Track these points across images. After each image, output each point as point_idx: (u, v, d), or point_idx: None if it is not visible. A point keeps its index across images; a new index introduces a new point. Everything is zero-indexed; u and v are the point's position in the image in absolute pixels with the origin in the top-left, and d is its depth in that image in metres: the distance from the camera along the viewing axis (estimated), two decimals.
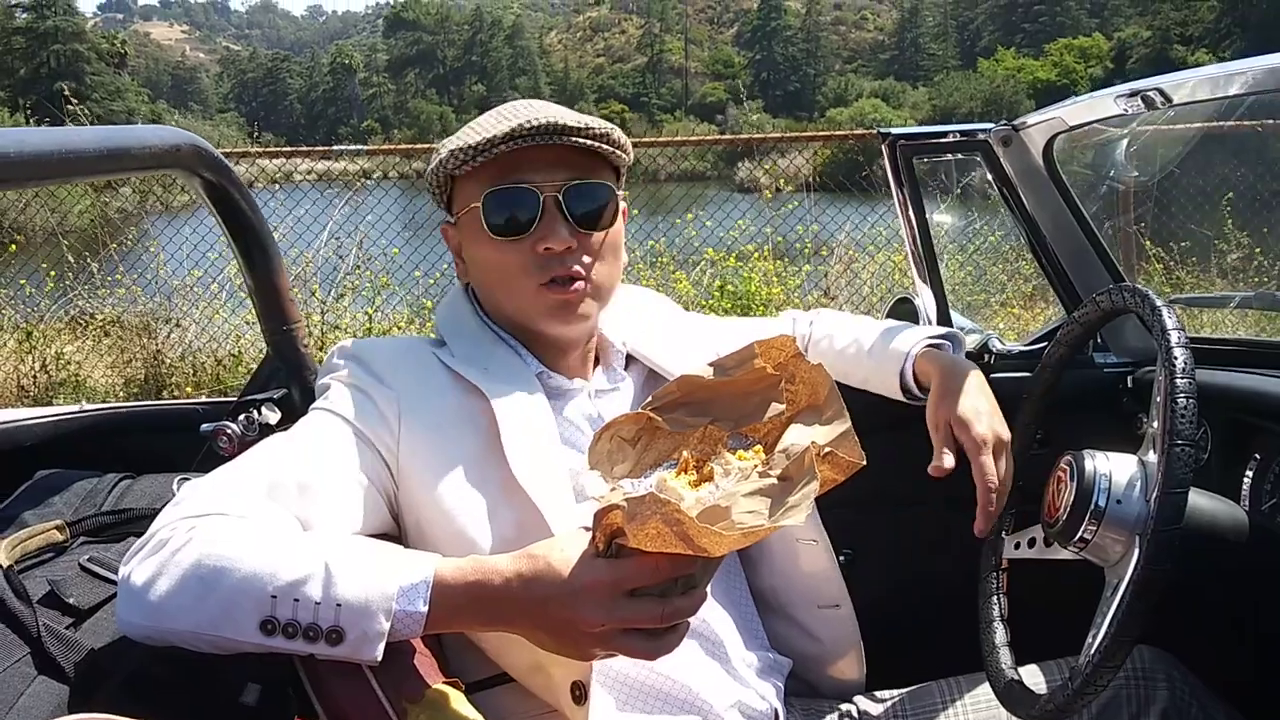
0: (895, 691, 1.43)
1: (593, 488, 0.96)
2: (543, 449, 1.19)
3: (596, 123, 1.22)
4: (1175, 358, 1.10)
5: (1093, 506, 1.19)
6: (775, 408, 1.01)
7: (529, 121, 1.18)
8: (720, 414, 1.04)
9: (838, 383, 0.96)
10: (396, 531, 1.21)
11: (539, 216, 1.22)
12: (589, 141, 1.21)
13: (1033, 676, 1.37)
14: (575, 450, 1.23)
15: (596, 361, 1.38)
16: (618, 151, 1.25)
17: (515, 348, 1.30)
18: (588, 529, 0.96)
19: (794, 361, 1.02)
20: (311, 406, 1.22)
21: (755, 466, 0.95)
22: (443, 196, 1.30)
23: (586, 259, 1.24)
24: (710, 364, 1.05)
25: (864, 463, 0.94)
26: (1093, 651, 1.09)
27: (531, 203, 1.21)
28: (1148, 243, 5.24)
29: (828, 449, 0.93)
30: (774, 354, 1.02)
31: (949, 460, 1.33)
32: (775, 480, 0.91)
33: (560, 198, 1.22)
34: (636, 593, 0.92)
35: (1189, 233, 5.62)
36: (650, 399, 1.05)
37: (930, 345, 1.49)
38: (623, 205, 1.32)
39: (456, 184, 1.27)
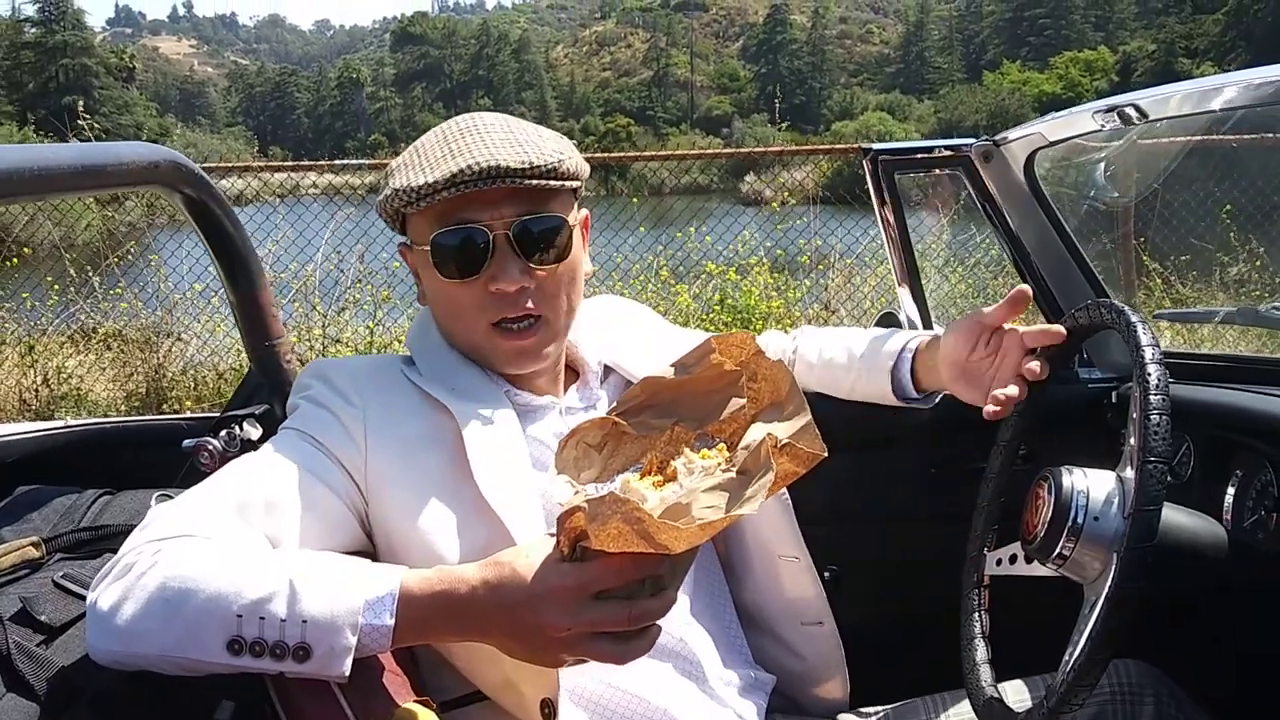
0: (880, 708, 1.42)
1: (558, 494, 0.95)
2: (509, 466, 1.18)
3: (543, 156, 1.18)
4: (1149, 374, 1.09)
5: (1070, 523, 1.17)
6: (736, 403, 1.02)
7: (471, 166, 1.14)
8: (685, 414, 1.04)
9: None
10: (371, 548, 1.21)
11: (489, 255, 1.19)
12: (535, 181, 1.17)
13: (1016, 693, 1.36)
14: (544, 470, 1.22)
15: (576, 377, 1.37)
16: (567, 183, 1.22)
17: (481, 367, 1.29)
18: (552, 534, 0.96)
19: (755, 359, 1.02)
20: (281, 426, 1.22)
21: (718, 464, 0.95)
22: (395, 225, 1.27)
23: (540, 295, 1.22)
24: (671, 364, 1.05)
25: (825, 454, 0.94)
26: (1068, 669, 1.08)
27: (481, 242, 1.18)
28: (1146, 257, 5.23)
29: (786, 441, 0.93)
30: (734, 351, 1.03)
31: (1014, 388, 1.24)
32: (735, 475, 0.91)
33: (510, 235, 1.19)
34: (602, 595, 0.92)
35: (1190, 247, 5.60)
36: (615, 404, 1.05)
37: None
38: (582, 215, 1.30)
39: (407, 217, 1.24)
